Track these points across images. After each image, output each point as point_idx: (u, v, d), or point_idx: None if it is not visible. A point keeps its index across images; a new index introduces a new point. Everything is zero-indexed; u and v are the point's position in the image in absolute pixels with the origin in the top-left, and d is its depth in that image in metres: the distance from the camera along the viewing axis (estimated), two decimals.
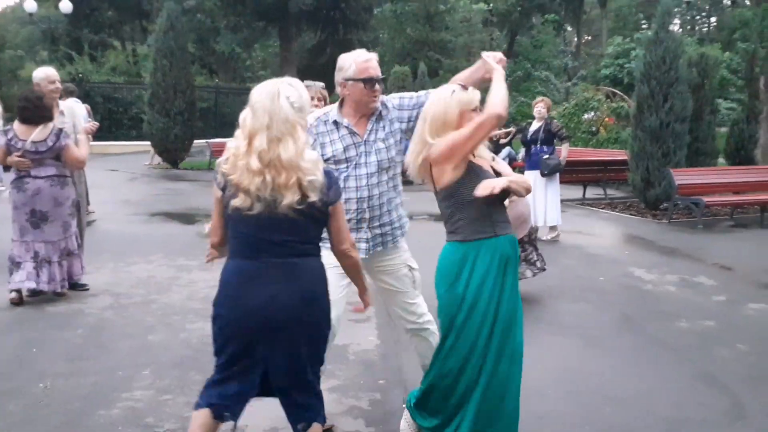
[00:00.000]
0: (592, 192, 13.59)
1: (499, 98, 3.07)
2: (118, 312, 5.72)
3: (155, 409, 3.91)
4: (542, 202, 8.85)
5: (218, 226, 2.75)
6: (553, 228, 9.08)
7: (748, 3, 32.67)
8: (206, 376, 2.89)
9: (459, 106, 3.14)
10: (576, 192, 13.18)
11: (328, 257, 2.87)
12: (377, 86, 3.45)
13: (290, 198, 2.51)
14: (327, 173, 2.64)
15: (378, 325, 5.55)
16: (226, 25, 25.96)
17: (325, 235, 2.80)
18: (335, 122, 3.50)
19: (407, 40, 23.62)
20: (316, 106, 5.61)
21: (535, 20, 44.66)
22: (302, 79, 3.04)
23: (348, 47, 24.61)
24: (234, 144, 2.56)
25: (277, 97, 2.53)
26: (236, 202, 2.54)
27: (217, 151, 15.82)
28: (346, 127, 3.48)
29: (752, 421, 3.84)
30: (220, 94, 25.66)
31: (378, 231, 3.56)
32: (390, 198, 3.58)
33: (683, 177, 10.67)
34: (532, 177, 8.68)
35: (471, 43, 20.74)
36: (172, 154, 18.11)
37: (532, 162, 9.02)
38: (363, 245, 3.50)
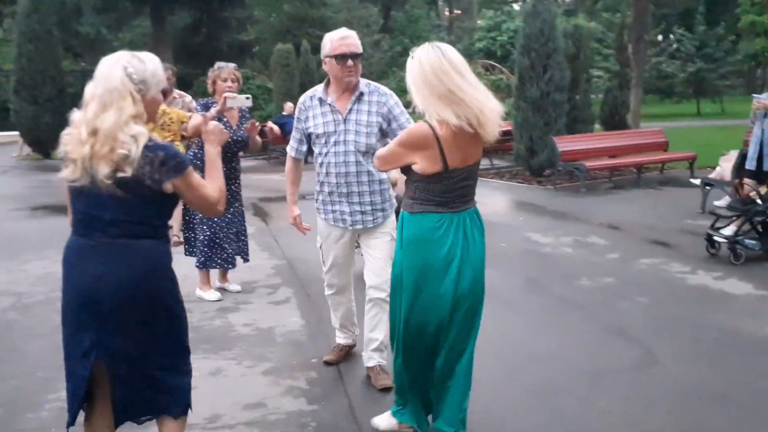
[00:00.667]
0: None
1: None
2: (23, 312, 5.45)
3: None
4: None
5: (67, 202, 2.61)
6: None
7: None
8: None
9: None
10: None
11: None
12: (350, 62, 3.67)
13: (102, 170, 2.37)
14: (163, 148, 2.46)
15: (298, 306, 5.57)
16: (94, 5, 24.65)
17: None
18: (320, 99, 3.82)
19: (286, 17, 23.31)
20: (230, 88, 5.54)
21: None
22: (179, 60, 3.06)
23: (224, 26, 24.01)
24: (74, 114, 2.50)
25: (115, 65, 2.47)
26: (64, 173, 2.46)
27: None
28: (329, 104, 3.80)
29: (664, 366, 4.18)
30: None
31: (358, 208, 3.82)
32: (371, 179, 3.77)
33: (565, 144, 11.24)
34: None
35: (351, 19, 20.72)
36: (44, 143, 17.15)
37: None
38: (346, 218, 3.86)
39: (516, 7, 49.34)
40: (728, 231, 6.70)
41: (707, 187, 8.92)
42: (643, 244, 7.33)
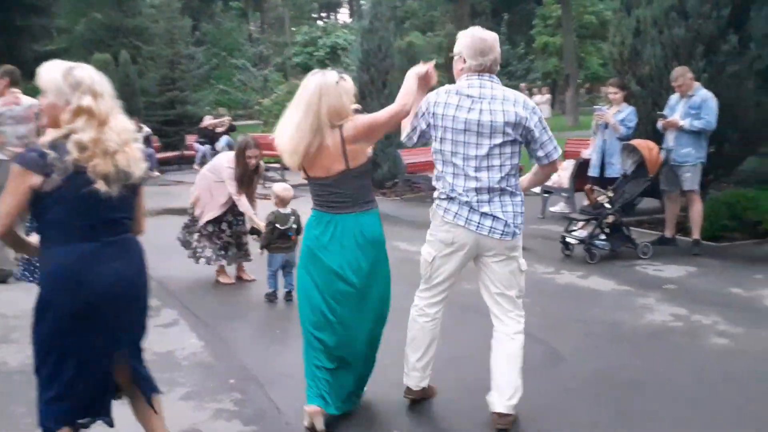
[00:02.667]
0: None
1: (403, 92, 3.39)
2: None
3: None
4: None
5: (14, 213, 2.62)
6: None
7: None
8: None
9: (347, 97, 3.36)
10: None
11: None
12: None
13: (138, 171, 2.71)
14: None
15: (191, 327, 5.33)
16: None
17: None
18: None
19: (97, 26, 22.01)
20: None
21: (217, 7, 44.55)
22: None
23: (27, 34, 22.06)
24: (80, 135, 2.56)
25: (103, 78, 2.71)
26: (98, 187, 2.58)
27: None
28: None
29: (571, 360, 4.50)
30: None
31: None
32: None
33: (408, 157, 11.65)
34: None
35: (172, 30, 19.99)
36: None
37: None
38: None
39: (342, 20, 50.38)
40: (581, 233, 7.31)
41: (546, 194, 9.65)
42: None
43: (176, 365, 4.55)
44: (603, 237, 7.25)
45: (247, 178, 6.22)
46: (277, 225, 5.78)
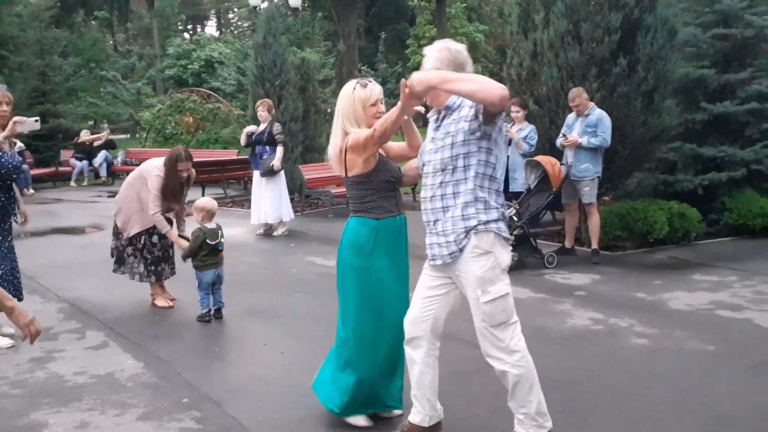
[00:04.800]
0: (211, 192, 13.86)
1: (382, 118, 3.48)
2: None
3: None
4: (264, 200, 9.48)
5: None
6: (281, 224, 9.73)
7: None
8: None
9: (360, 103, 3.56)
10: (196, 194, 13.31)
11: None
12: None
13: None
14: None
15: (123, 348, 5.16)
16: None
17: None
18: None
19: None
20: (5, 112, 5.05)
21: (78, 17, 42.65)
22: None
23: None
24: None
25: None
26: None
27: None
28: None
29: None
30: None
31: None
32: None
33: (310, 172, 11.71)
34: (256, 176, 9.47)
35: (43, 40, 19.00)
36: None
37: (255, 162, 9.55)
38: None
39: (209, 33, 49.33)
40: None
41: None
42: (418, 262, 7.99)
43: (121, 387, 4.41)
44: (511, 249, 7.62)
45: (171, 191, 5.99)
46: (208, 240, 5.69)
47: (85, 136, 17.74)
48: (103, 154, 17.22)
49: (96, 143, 17.34)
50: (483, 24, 39.94)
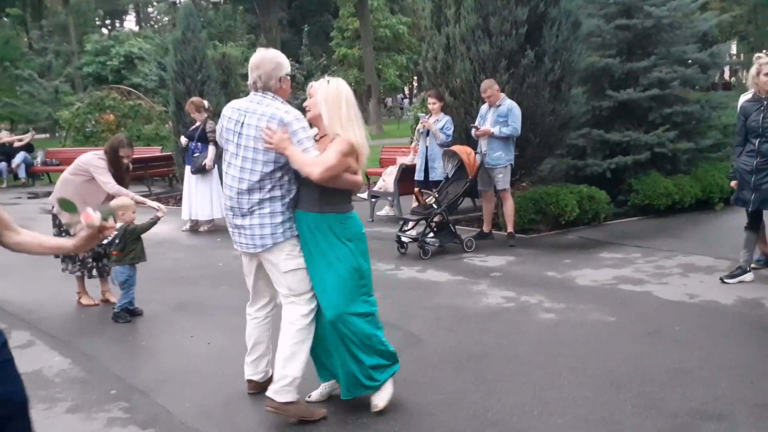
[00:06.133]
0: (135, 189, 13.73)
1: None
2: None
3: None
4: (195, 197, 9.59)
5: None
6: (207, 221, 9.78)
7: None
8: None
9: None
10: None
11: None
12: None
13: None
14: None
15: (51, 346, 5.23)
16: None
17: None
18: None
19: None
20: None
21: None
22: None
23: None
24: None
25: None
26: None
27: None
28: None
29: (428, 342, 5.02)
30: None
31: None
32: None
33: None
34: (187, 172, 9.58)
35: None
36: None
37: (188, 158, 9.67)
38: None
39: (129, 28, 48.14)
40: (414, 232, 7.97)
41: (373, 199, 10.27)
42: (385, 253, 8.13)
43: (49, 382, 4.50)
44: (432, 235, 7.95)
45: (118, 179, 5.96)
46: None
47: (5, 137, 17.27)
48: (21, 155, 16.80)
49: (16, 144, 16.91)
50: (405, 16, 40.42)
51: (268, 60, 3.75)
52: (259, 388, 4.10)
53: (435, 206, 7.80)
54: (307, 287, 3.78)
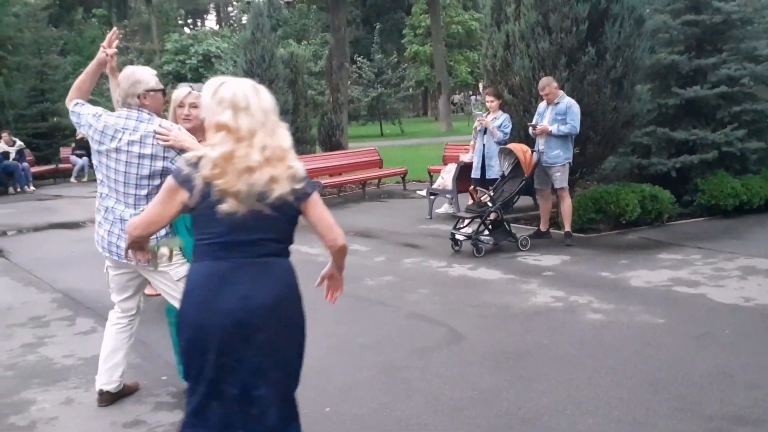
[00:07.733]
0: None
1: None
2: None
3: None
4: None
5: (155, 221, 2.60)
6: None
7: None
8: None
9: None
10: None
11: None
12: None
13: (281, 190, 2.49)
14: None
15: None
16: None
17: None
18: None
19: None
20: None
21: (77, 14, 42.98)
22: None
23: None
24: (220, 149, 2.47)
25: (257, 92, 2.65)
26: (225, 208, 2.46)
27: None
28: None
29: (469, 339, 5.07)
30: None
31: None
32: None
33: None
34: None
35: (40, 39, 19.37)
36: None
37: None
38: None
39: (209, 27, 49.54)
40: (468, 230, 7.99)
41: (432, 197, 10.33)
42: (399, 247, 8.37)
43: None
44: (487, 233, 7.96)
45: None
46: None
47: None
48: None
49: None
50: (478, 12, 40.14)
51: (123, 78, 3.82)
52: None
53: (490, 204, 7.80)
54: None
